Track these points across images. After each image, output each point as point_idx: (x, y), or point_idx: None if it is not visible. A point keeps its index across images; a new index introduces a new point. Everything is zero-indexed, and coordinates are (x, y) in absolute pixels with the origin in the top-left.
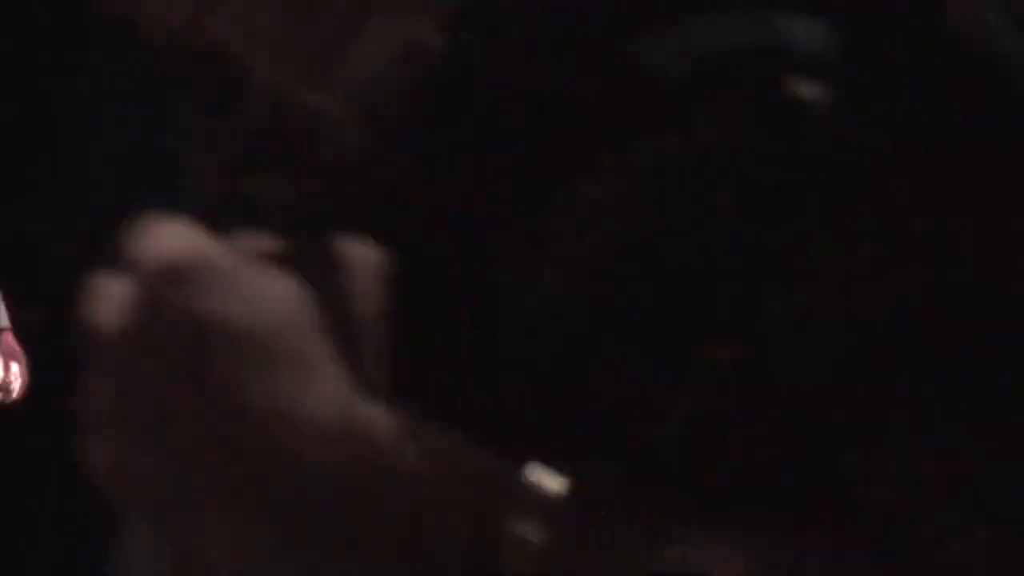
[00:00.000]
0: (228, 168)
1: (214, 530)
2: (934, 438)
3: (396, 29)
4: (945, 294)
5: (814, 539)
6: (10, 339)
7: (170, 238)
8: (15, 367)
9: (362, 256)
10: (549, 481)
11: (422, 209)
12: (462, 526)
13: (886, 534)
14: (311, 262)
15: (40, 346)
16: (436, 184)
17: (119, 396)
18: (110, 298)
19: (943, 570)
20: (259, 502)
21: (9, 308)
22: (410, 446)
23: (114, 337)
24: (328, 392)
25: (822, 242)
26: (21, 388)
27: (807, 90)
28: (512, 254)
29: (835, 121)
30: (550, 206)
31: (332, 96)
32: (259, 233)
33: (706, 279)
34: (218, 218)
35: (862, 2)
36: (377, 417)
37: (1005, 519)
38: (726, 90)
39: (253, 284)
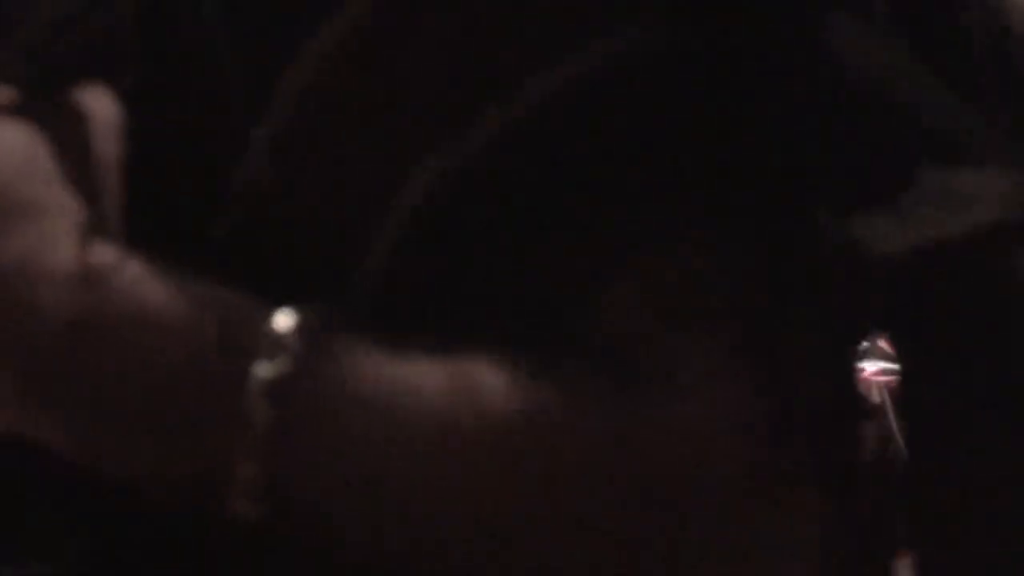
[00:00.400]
0: None
1: None
2: None
3: None
4: None
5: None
6: None
7: None
8: None
9: (97, 105)
10: (286, 322)
11: (154, 58)
12: (204, 373)
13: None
14: (45, 112)
15: None
16: (163, 34)
17: None
18: None
19: None
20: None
21: None
22: (151, 291)
23: None
24: (64, 241)
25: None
26: None
27: None
28: (243, 104)
29: None
30: (282, 60)
31: None
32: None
33: (413, 108)
34: None
35: None
36: (117, 262)
37: None
38: None
39: None
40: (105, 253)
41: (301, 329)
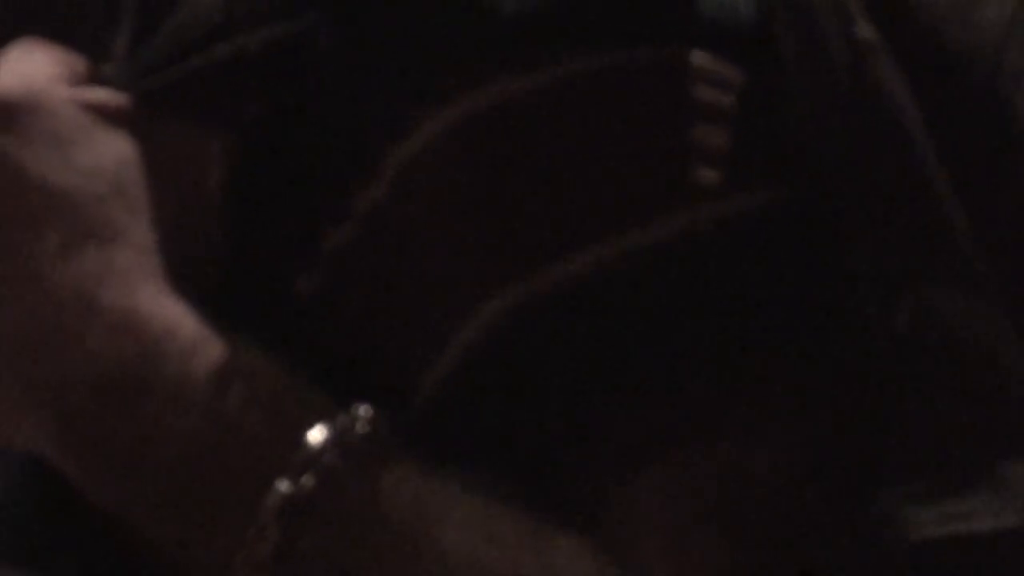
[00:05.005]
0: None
1: None
2: None
3: None
4: None
5: None
6: None
7: (16, 72)
8: None
9: (209, 137)
10: (320, 436)
11: (277, 98)
12: (232, 471)
13: None
14: (154, 130)
15: None
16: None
17: None
18: None
19: None
20: (32, 373)
21: None
22: (198, 364)
23: None
24: (126, 277)
25: None
26: None
27: None
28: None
29: None
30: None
31: None
32: (120, 90)
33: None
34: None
35: None
36: (172, 320)
37: None
38: None
39: (87, 143)
40: (164, 304)
41: (336, 443)
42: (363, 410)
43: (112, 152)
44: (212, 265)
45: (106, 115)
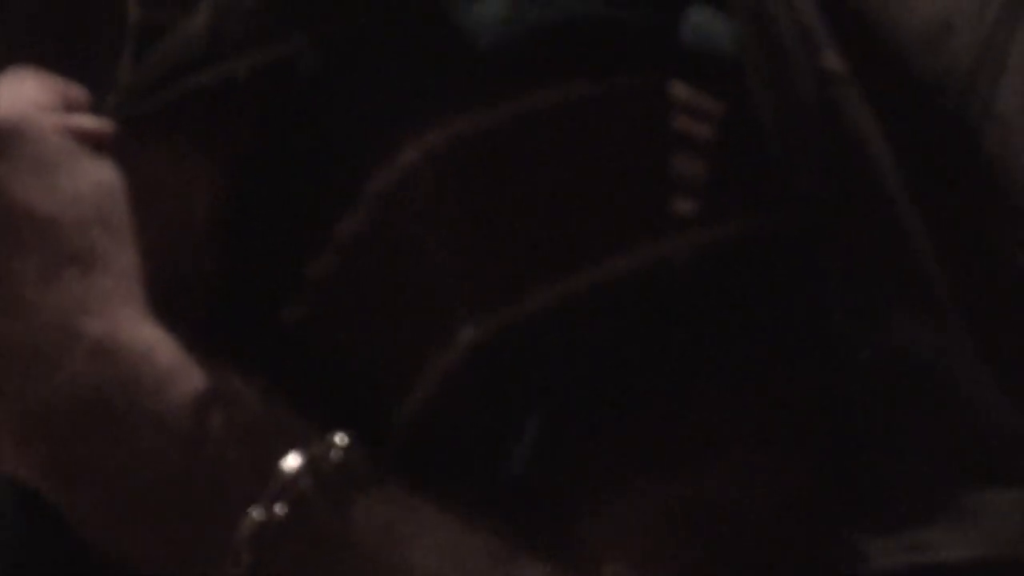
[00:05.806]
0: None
1: None
2: None
3: None
4: None
5: None
6: None
7: (3, 98)
8: None
9: (197, 162)
10: (294, 463)
11: (266, 125)
12: (206, 498)
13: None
14: (141, 155)
15: None
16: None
17: None
18: None
19: None
20: (13, 396)
21: None
22: (174, 392)
23: None
24: (108, 303)
25: None
26: None
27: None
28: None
29: None
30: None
31: None
32: (106, 115)
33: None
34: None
35: None
36: (149, 345)
37: None
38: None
39: (71, 170)
40: (143, 331)
41: (309, 471)
42: (338, 438)
43: (96, 178)
44: (199, 290)
45: (93, 142)
